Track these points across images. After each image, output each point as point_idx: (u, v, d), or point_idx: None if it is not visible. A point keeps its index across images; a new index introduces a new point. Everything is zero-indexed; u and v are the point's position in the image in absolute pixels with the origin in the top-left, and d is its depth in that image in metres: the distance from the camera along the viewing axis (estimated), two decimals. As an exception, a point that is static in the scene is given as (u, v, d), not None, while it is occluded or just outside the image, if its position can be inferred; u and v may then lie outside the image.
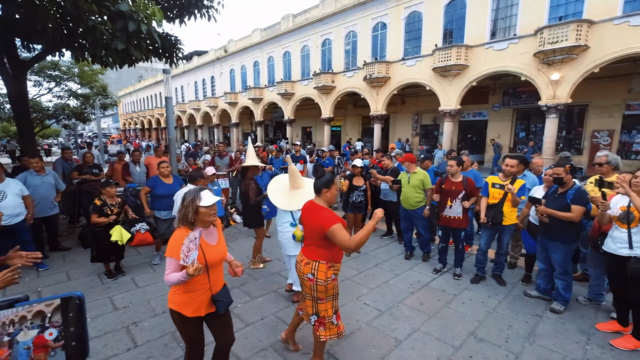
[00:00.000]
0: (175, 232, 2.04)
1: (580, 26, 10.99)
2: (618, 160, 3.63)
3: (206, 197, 2.03)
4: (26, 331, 0.81)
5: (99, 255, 4.23)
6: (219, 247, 2.15)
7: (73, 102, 15.15)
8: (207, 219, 2.04)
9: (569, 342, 3.00)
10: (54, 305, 0.85)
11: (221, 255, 2.15)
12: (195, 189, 2.08)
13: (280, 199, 3.38)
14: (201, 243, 1.98)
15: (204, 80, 34.35)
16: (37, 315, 0.82)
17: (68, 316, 0.85)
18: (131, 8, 4.43)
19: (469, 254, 5.04)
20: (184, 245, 1.86)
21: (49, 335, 0.83)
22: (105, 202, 4.16)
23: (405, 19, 16.43)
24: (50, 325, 0.84)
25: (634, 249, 2.80)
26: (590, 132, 14.07)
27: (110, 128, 64.66)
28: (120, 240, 4.10)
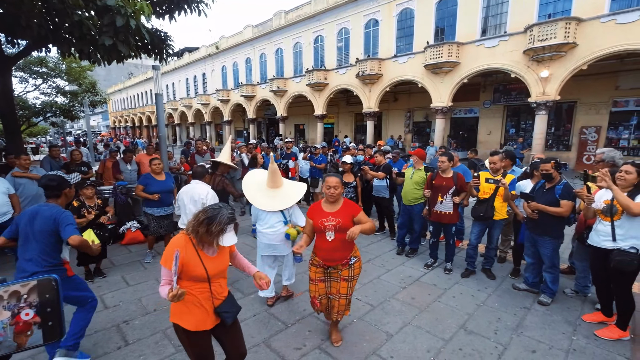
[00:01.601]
0: (175, 237, 1.92)
1: (569, 24, 11.15)
2: (615, 156, 3.59)
3: (229, 236, 1.86)
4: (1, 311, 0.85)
5: (80, 258, 4.13)
6: (219, 258, 1.98)
7: (61, 99, 14.87)
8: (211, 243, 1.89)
9: (555, 333, 3.07)
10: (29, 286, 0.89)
11: (222, 267, 1.98)
12: (224, 219, 1.84)
13: (262, 200, 3.29)
14: (200, 255, 1.88)
15: (195, 77, 33.97)
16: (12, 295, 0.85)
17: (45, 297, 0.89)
18: (119, 3, 4.36)
19: (459, 249, 5.10)
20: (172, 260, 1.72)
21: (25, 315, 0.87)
22: (83, 203, 4.05)
23: (397, 15, 16.46)
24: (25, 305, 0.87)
25: (617, 241, 2.86)
26: (579, 129, 14.31)
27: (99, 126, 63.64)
28: None
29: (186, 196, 3.79)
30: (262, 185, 3.40)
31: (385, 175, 5.47)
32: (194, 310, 1.89)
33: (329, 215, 2.63)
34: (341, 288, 2.72)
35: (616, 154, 3.59)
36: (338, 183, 2.63)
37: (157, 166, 4.64)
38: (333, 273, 2.74)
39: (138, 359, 2.75)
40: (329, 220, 2.60)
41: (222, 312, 1.95)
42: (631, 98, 13.05)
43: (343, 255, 2.67)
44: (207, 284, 1.90)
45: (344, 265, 2.70)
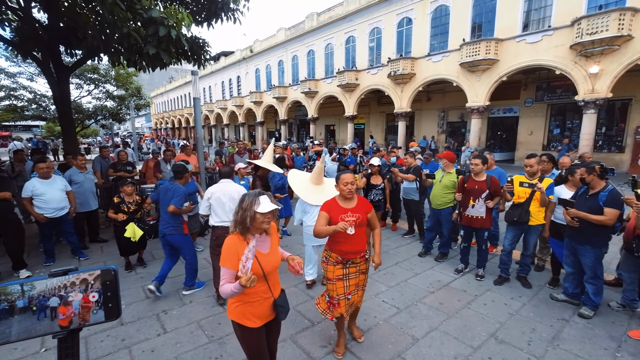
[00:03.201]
0: (228, 238, 1.92)
1: (623, 15, 10.24)
2: None
3: (265, 202, 1.88)
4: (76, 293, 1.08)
5: (122, 250, 4.52)
6: (272, 254, 2.02)
7: (110, 103, 16.14)
8: (260, 227, 1.91)
9: (596, 348, 2.89)
10: (95, 274, 1.11)
11: (276, 263, 2.02)
12: (254, 192, 1.93)
13: (311, 196, 3.51)
14: (255, 252, 1.88)
15: (230, 80, 35.26)
16: (82, 282, 1.06)
17: (106, 284, 1.10)
18: (162, 14, 4.69)
19: (493, 255, 4.91)
20: (243, 255, 1.77)
21: (92, 297, 1.08)
22: (123, 199, 4.43)
23: (432, 13, 16.02)
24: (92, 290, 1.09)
25: None
26: (634, 128, 13.09)
27: (143, 127, 67.91)
28: (132, 237, 4.32)
29: (222, 194, 3.88)
30: (307, 183, 3.63)
31: (415, 177, 5.39)
32: (252, 308, 1.93)
33: (348, 211, 2.70)
34: (360, 281, 2.84)
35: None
36: (354, 179, 2.74)
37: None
38: (351, 269, 2.76)
39: (175, 346, 2.96)
40: (349, 216, 2.68)
41: (279, 306, 1.99)
42: (698, 94, 11.73)
43: (362, 248, 2.77)
44: (263, 280, 1.93)
45: (362, 258, 2.80)
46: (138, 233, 4.39)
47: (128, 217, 4.41)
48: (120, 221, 4.36)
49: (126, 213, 4.42)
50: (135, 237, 4.36)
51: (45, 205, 4.47)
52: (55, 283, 1.04)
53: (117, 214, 4.38)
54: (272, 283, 2.00)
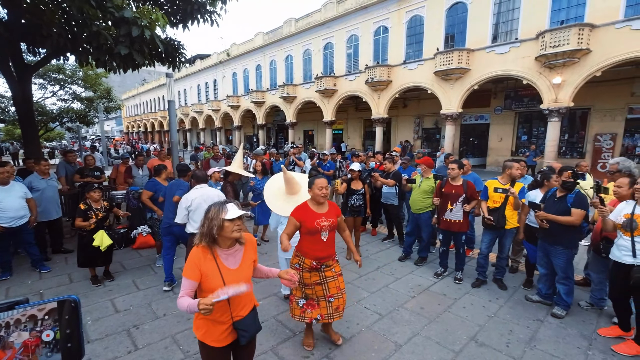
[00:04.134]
0: (193, 249, 1.82)
1: (582, 30, 11.00)
2: (631, 166, 3.54)
3: (232, 209, 1.79)
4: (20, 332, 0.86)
5: (84, 259, 4.18)
6: (241, 270, 1.88)
7: (77, 105, 15.31)
8: (230, 235, 1.79)
9: (570, 347, 2.99)
10: (49, 308, 0.89)
11: (243, 280, 1.83)
12: (220, 202, 1.85)
13: (279, 205, 3.38)
14: (220, 267, 1.80)
15: (206, 84, 34.56)
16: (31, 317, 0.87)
17: (64, 318, 0.89)
18: (135, 14, 4.49)
19: (470, 258, 5.03)
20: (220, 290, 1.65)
21: (46, 336, 0.87)
22: (90, 206, 4.14)
23: (407, 22, 16.49)
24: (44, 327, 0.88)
25: (637, 257, 2.77)
26: (593, 136, 14.02)
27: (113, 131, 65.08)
28: (101, 245, 4.05)
29: (204, 200, 3.74)
30: (282, 193, 3.47)
31: (395, 182, 5.45)
32: (214, 325, 1.83)
33: (322, 215, 2.73)
34: (340, 284, 2.86)
35: (631, 164, 3.50)
36: (327, 183, 2.77)
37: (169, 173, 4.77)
38: (327, 272, 2.81)
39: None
40: (323, 221, 2.71)
41: (239, 330, 1.84)
42: (648, 105, 12.74)
43: (333, 251, 2.86)
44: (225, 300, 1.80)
45: (334, 260, 2.86)
46: (106, 241, 4.10)
47: (96, 225, 4.14)
48: (88, 230, 4.08)
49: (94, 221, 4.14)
50: (103, 246, 4.08)
51: (1, 214, 4.11)
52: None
53: (85, 221, 4.09)
54: (235, 303, 1.84)
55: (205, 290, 1.79)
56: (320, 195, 2.71)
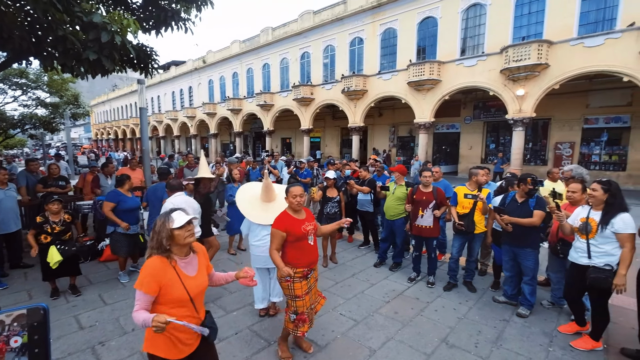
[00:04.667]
0: (150, 259, 1.79)
1: (541, 46, 11.83)
2: (583, 173, 3.82)
3: (178, 217, 1.82)
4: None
5: (45, 273, 3.96)
6: (199, 277, 1.91)
7: (41, 111, 14.54)
8: (183, 242, 1.81)
9: (533, 345, 3.15)
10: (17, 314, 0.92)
11: (202, 286, 1.91)
12: (164, 213, 1.86)
13: (256, 213, 3.35)
14: (180, 275, 1.80)
15: (181, 91, 33.88)
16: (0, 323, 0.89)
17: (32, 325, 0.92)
18: (105, 20, 4.38)
19: (442, 262, 5.19)
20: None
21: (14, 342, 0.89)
22: (47, 219, 3.92)
23: (381, 35, 17.05)
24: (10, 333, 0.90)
25: (592, 258, 2.96)
26: (554, 144, 14.97)
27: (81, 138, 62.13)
28: (50, 261, 3.82)
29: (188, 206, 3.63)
30: (256, 199, 3.44)
31: (370, 189, 5.56)
32: (175, 337, 1.79)
33: (305, 221, 2.77)
34: (316, 287, 2.95)
35: (583, 171, 3.78)
36: (302, 191, 2.80)
37: (132, 184, 4.63)
38: (311, 279, 2.86)
39: (114, 381, 2.65)
40: (307, 226, 2.76)
41: (209, 327, 1.87)
42: (600, 116, 13.81)
43: (318, 255, 2.93)
44: (190, 304, 1.83)
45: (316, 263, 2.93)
46: (56, 258, 3.82)
47: (52, 239, 3.91)
48: (44, 243, 3.85)
49: (50, 234, 3.91)
50: (52, 262, 3.81)
51: (-48, 228, 3.82)
52: None
53: (39, 236, 3.85)
54: (199, 307, 1.90)
55: (165, 302, 1.76)
56: (295, 203, 2.73)
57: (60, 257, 3.86)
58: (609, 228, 2.85)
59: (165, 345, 1.78)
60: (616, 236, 2.84)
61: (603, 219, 2.90)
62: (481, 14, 13.92)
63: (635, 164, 13.12)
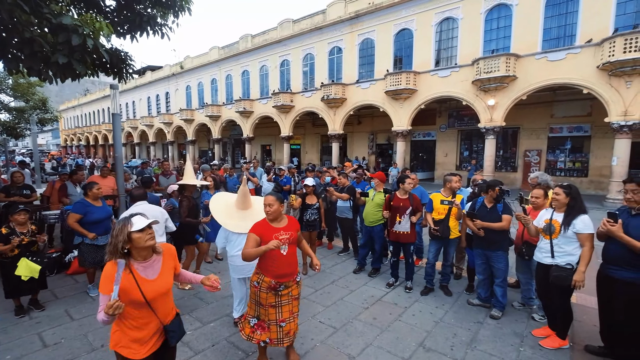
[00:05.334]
0: (105, 266, 1.86)
1: (509, 59, 12.50)
2: (548, 180, 4.10)
3: (138, 221, 1.87)
4: None
5: (9, 290, 3.73)
6: (160, 280, 1.94)
7: (4, 115, 13.75)
8: (143, 245, 1.86)
9: (505, 345, 3.26)
10: None
11: (163, 290, 1.95)
12: (123, 218, 1.91)
13: (233, 222, 3.29)
14: (137, 279, 1.85)
15: (157, 96, 33.06)
16: None
17: None
18: (75, 22, 4.24)
19: (419, 267, 5.30)
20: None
21: None
22: (13, 229, 3.71)
23: (359, 44, 17.43)
24: None
25: (555, 258, 3.15)
26: (523, 152, 15.73)
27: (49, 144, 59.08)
28: (27, 274, 3.63)
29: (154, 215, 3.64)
30: (231, 208, 3.38)
31: (349, 196, 5.62)
32: (134, 337, 1.87)
33: (280, 229, 2.71)
34: (294, 307, 2.80)
35: (548, 177, 4.02)
36: (274, 201, 2.73)
37: (99, 191, 4.30)
38: (284, 295, 2.71)
39: (80, 401, 2.51)
40: (282, 234, 2.68)
41: (169, 331, 1.95)
42: (564, 125, 14.68)
43: (294, 269, 2.77)
44: (147, 307, 1.88)
45: (294, 281, 2.78)
46: (34, 269, 3.66)
47: (20, 251, 3.69)
48: (10, 257, 3.63)
49: (18, 246, 3.69)
50: (28, 275, 3.63)
51: None
52: None
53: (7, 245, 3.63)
54: (160, 310, 1.94)
55: (124, 303, 1.79)
56: (265, 211, 2.72)
57: (38, 266, 3.66)
58: (571, 229, 3.04)
59: (125, 344, 1.86)
60: (577, 236, 3.04)
61: (565, 220, 3.09)
62: (454, 27, 14.56)
63: (596, 170, 14.00)
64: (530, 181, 4.18)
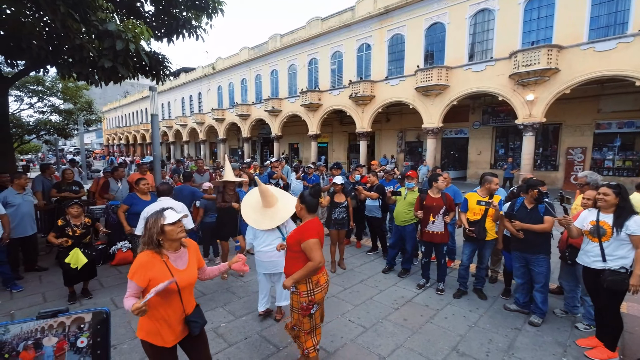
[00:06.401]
0: (142, 253, 1.95)
1: (551, 51, 11.72)
2: (598, 179, 3.76)
3: (170, 215, 1.98)
4: (50, 337, 0.97)
5: (67, 278, 4.05)
6: (188, 270, 2.07)
7: (55, 117, 14.89)
8: (174, 237, 1.98)
9: (546, 354, 3.09)
10: (78, 316, 0.97)
11: (192, 280, 2.07)
12: (157, 210, 2.03)
13: (252, 216, 3.38)
14: (170, 269, 1.95)
15: (191, 97, 34.39)
16: (60, 325, 0.93)
17: (96, 327, 0.97)
18: (119, 28, 4.51)
19: (451, 269, 5.13)
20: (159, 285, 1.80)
21: (80, 343, 0.95)
22: (68, 222, 4.03)
23: (388, 41, 17.10)
24: (71, 333, 0.98)
25: (607, 261, 2.92)
26: (565, 150, 14.73)
27: (93, 143, 63.34)
28: (74, 264, 3.90)
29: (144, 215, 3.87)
30: (258, 205, 3.45)
31: (378, 195, 5.55)
32: (162, 325, 1.93)
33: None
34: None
35: (598, 177, 3.73)
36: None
37: (145, 186, 4.70)
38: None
39: (125, 384, 2.68)
40: None
41: (191, 321, 2.02)
42: (613, 120, 13.56)
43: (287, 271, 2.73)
44: (177, 296, 1.98)
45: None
46: (81, 260, 3.94)
47: (73, 242, 4.00)
48: (65, 247, 3.95)
49: (71, 237, 4.01)
50: (77, 265, 3.91)
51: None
52: (33, 326, 0.88)
53: (59, 238, 3.95)
54: (185, 300, 2.04)
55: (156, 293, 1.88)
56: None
57: (85, 259, 3.98)
58: (624, 230, 2.83)
59: (154, 332, 1.91)
60: (630, 238, 2.82)
61: (617, 221, 2.87)
62: (489, 19, 13.88)
63: (650, 169, 12.82)
64: (578, 181, 3.90)
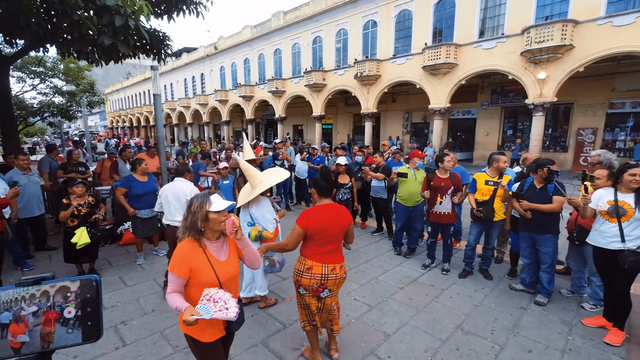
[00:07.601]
0: (182, 243, 1.79)
1: (566, 26, 11.23)
2: (612, 159, 3.62)
3: (217, 201, 1.78)
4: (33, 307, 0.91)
5: (67, 255, 4.11)
6: (230, 262, 1.88)
7: (58, 99, 14.80)
8: (217, 227, 1.79)
9: (551, 332, 3.10)
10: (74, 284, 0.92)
11: (234, 272, 1.88)
12: (203, 193, 1.82)
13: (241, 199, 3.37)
14: (211, 260, 1.78)
15: (193, 78, 33.95)
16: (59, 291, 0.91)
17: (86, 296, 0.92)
18: (118, 2, 4.36)
19: (457, 250, 5.13)
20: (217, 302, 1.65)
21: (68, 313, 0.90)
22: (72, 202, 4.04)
23: (396, 17, 16.51)
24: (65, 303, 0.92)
25: (626, 242, 2.83)
26: (576, 130, 14.40)
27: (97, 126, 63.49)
28: (78, 242, 3.93)
29: (170, 193, 3.94)
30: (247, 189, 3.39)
31: (384, 176, 5.49)
32: (204, 320, 1.73)
33: None
34: None
35: (612, 156, 3.61)
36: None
37: (146, 167, 4.68)
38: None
39: (136, 359, 2.75)
40: None
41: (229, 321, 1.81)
42: (627, 100, 13.15)
43: None
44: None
45: None
46: (84, 239, 3.95)
47: (79, 222, 4.03)
48: (71, 226, 3.99)
49: (77, 217, 4.03)
50: (80, 244, 3.94)
51: (-21, 211, 3.97)
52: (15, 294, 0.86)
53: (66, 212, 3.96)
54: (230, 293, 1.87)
55: (195, 285, 1.75)
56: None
57: (88, 239, 4.00)
58: None
59: (199, 327, 1.76)
60: None
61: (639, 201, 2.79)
62: (502, -7, 13.27)
63: (663, 150, 12.51)
64: (590, 160, 3.79)
